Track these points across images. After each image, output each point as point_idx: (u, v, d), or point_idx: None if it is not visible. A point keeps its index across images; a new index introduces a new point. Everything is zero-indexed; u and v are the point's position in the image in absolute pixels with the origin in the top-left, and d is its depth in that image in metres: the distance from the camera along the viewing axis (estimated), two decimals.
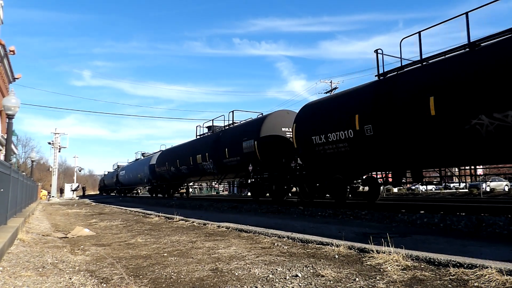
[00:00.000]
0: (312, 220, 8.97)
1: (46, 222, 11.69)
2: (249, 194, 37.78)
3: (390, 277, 3.50)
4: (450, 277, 3.40)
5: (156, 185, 29.62)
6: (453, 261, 3.74)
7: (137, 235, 7.56)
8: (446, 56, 8.83)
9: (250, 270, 4.01)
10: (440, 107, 8.11)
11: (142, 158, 36.17)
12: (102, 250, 5.94)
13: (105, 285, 3.68)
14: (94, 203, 25.11)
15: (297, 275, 3.70)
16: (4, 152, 16.08)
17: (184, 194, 30.55)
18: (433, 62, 9.05)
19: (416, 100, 8.66)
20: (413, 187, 34.65)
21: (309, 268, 3.99)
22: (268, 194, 16.38)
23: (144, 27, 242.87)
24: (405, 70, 9.81)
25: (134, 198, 34.79)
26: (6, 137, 12.16)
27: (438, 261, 3.86)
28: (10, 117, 11.13)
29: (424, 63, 9.29)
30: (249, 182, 17.15)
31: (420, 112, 8.52)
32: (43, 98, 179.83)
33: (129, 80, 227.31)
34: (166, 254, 5.30)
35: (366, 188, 13.05)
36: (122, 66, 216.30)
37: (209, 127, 21.69)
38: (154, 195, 32.51)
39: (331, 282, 3.43)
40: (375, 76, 10.62)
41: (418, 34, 9.37)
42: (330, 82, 39.07)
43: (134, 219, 11.58)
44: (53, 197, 40.78)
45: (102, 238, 7.60)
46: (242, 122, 18.33)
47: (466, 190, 31.26)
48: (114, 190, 47.59)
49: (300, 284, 3.42)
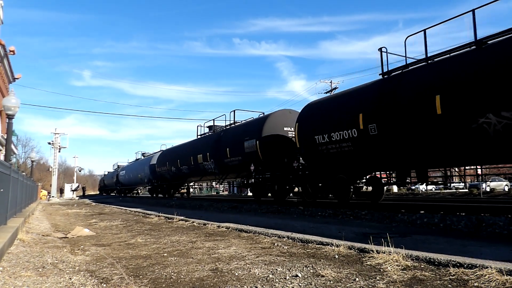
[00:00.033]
0: (312, 220, 8.97)
1: (46, 222, 11.69)
2: (249, 194, 37.90)
3: (390, 277, 3.50)
4: (450, 277, 3.40)
5: (156, 185, 29.57)
6: (453, 261, 3.74)
7: (137, 235, 7.56)
8: (453, 54, 8.70)
9: (250, 270, 4.01)
10: (446, 106, 8.01)
11: (143, 158, 36.05)
12: (102, 250, 5.94)
13: (105, 285, 3.68)
14: (94, 203, 25.11)
15: (297, 275, 3.70)
16: (4, 152, 16.08)
17: (184, 194, 30.52)
18: (439, 61, 8.92)
19: (422, 98, 8.56)
20: (413, 187, 34.63)
21: (309, 268, 3.99)
22: (270, 194, 16.31)
23: (144, 27, 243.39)
24: (410, 68, 9.66)
25: (134, 198, 34.78)
26: (6, 137, 12.16)
27: (438, 261, 3.86)
28: (10, 117, 11.14)
29: (429, 62, 9.15)
30: (250, 182, 17.04)
31: (426, 111, 8.42)
32: (43, 98, 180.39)
33: (129, 80, 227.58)
34: (166, 254, 5.30)
35: (370, 188, 12.97)
36: (122, 66, 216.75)
37: (210, 127, 21.55)
38: (154, 195, 32.46)
39: (331, 282, 3.43)
40: (379, 74, 10.50)
41: (423, 32, 9.24)
42: (330, 82, 39.09)
43: (134, 219, 11.58)
44: (53, 197, 40.80)
45: (102, 238, 7.60)
46: (243, 122, 18.20)
47: (466, 190, 31.26)
48: (114, 190, 47.57)
49: (300, 284, 3.42)
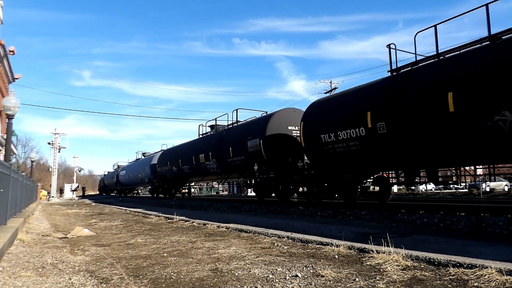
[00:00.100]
0: (312, 220, 8.97)
1: (45, 222, 11.69)
2: (249, 194, 37.92)
3: (390, 277, 3.50)
4: (450, 277, 3.40)
5: (157, 185, 29.50)
6: (453, 261, 3.74)
7: (137, 235, 7.56)
8: (465, 50, 8.45)
9: (250, 270, 4.01)
10: (459, 103, 7.78)
11: (143, 158, 35.94)
12: (102, 250, 5.93)
13: (105, 285, 3.68)
14: (94, 203, 25.10)
15: (297, 275, 3.70)
16: (4, 152, 16.08)
17: (186, 194, 30.43)
18: (450, 57, 8.69)
19: (433, 96, 8.33)
20: (413, 187, 34.61)
21: (309, 268, 3.99)
22: (273, 195, 16.16)
23: (144, 27, 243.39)
24: (420, 65, 9.40)
25: (134, 198, 34.73)
26: (6, 137, 12.16)
27: (438, 261, 3.86)
28: (10, 117, 11.13)
29: (440, 58, 8.92)
30: (253, 182, 16.84)
31: (437, 108, 8.20)
32: (43, 98, 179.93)
33: (128, 80, 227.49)
34: (166, 254, 5.30)
35: (377, 188, 12.65)
36: (122, 66, 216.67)
37: (212, 126, 21.34)
38: (155, 195, 32.41)
39: (331, 282, 3.43)
40: (387, 71, 10.31)
41: (434, 28, 9.00)
42: (330, 82, 39.11)
43: (134, 219, 11.58)
44: (53, 197, 40.79)
45: (102, 238, 7.59)
46: (246, 121, 17.97)
47: (466, 190, 31.28)
48: (114, 190, 47.50)
49: (300, 284, 3.42)
